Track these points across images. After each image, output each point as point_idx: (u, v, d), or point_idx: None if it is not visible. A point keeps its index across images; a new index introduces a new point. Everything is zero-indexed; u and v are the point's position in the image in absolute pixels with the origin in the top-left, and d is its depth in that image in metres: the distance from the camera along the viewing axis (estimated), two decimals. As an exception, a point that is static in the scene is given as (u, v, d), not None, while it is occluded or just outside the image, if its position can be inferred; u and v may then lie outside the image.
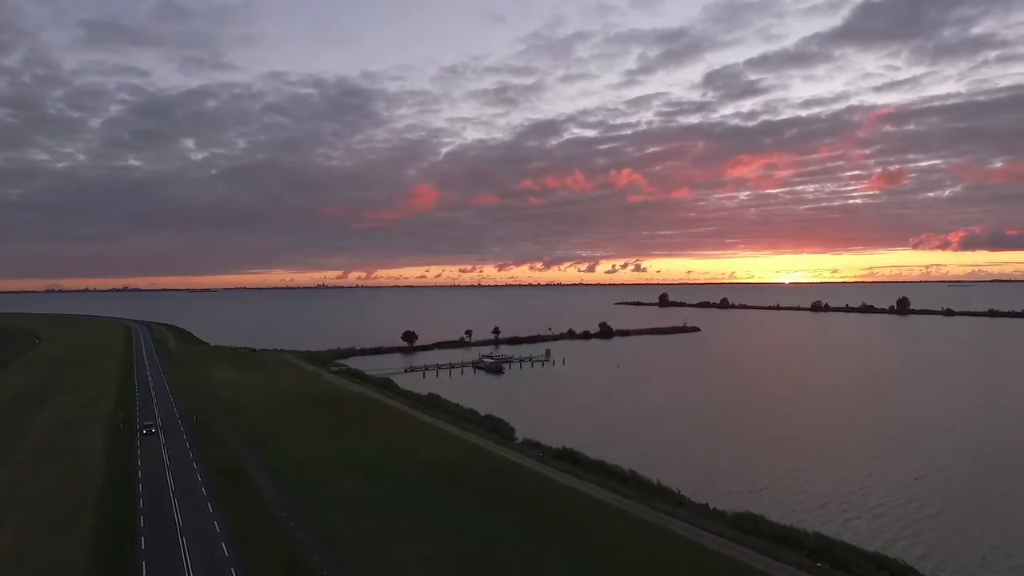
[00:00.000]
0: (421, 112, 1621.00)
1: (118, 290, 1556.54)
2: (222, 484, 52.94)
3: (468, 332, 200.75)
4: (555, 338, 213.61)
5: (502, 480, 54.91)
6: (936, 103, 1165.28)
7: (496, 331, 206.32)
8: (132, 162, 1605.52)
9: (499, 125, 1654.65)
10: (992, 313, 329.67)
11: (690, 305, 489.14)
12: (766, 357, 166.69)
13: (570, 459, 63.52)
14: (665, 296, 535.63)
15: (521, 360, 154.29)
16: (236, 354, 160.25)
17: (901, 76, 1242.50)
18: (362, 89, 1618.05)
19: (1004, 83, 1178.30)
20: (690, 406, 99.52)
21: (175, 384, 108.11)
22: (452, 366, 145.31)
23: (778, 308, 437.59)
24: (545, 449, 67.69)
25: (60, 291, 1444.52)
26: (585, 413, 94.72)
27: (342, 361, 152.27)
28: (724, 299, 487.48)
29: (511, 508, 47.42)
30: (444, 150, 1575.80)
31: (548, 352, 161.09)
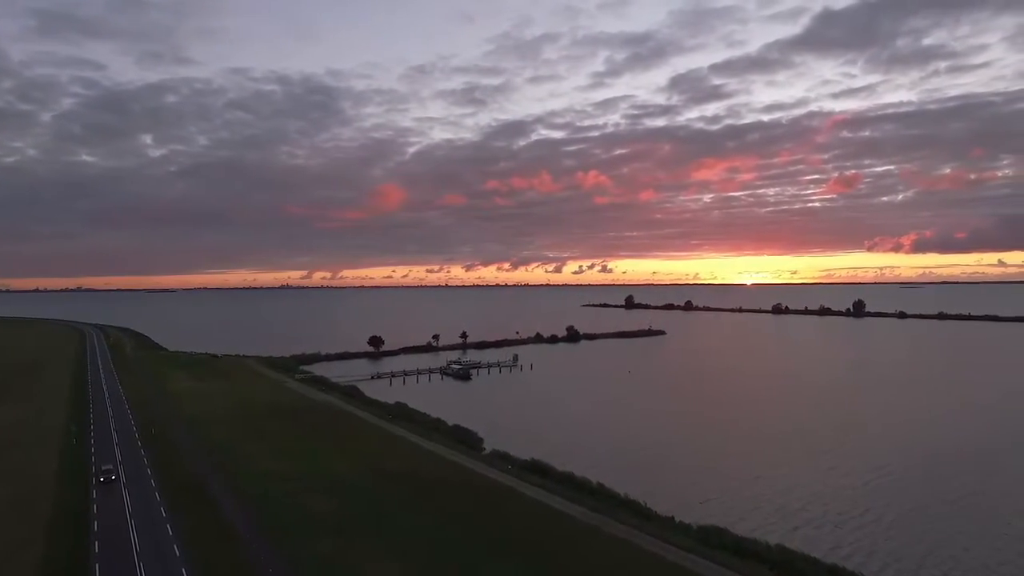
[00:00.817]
0: (388, 111, 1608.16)
1: (71, 290, 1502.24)
2: (182, 504, 51.45)
3: (435, 337, 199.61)
4: (523, 342, 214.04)
5: (472, 495, 54.68)
6: (890, 111, 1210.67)
7: (464, 336, 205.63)
8: (85, 158, 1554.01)
9: (467, 125, 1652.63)
10: (941, 316, 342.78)
11: (656, 307, 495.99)
12: (729, 362, 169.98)
13: (539, 471, 63.63)
14: (631, 298, 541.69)
15: (489, 365, 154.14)
16: (196, 361, 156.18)
17: (857, 84, 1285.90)
18: (328, 87, 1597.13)
19: (953, 92, 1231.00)
20: (655, 413, 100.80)
21: (132, 395, 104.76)
22: (419, 372, 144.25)
23: (741, 311, 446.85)
24: (514, 461, 67.67)
25: (8, 291, 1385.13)
26: (553, 421, 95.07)
27: (307, 368, 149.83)
28: (688, 301, 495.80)
29: (481, 525, 47.26)
30: (411, 150, 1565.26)
31: (516, 357, 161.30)
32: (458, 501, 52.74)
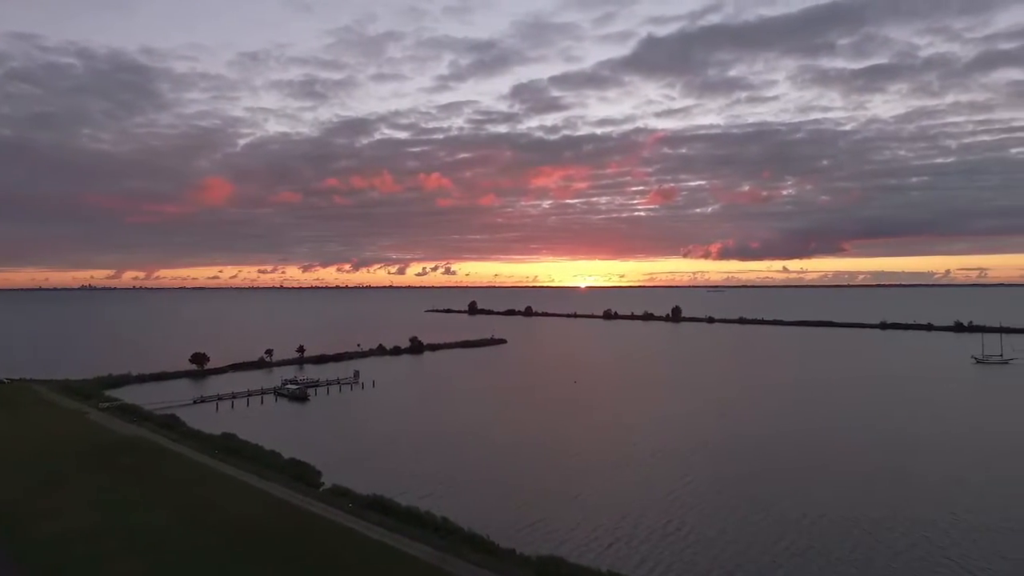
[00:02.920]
0: (216, 98, 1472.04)
1: None
2: (-54, 592, 43.07)
3: (269, 352, 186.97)
4: (364, 355, 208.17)
5: (309, 543, 52.08)
6: (702, 132, 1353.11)
7: (301, 349, 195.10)
8: None
9: (306, 120, 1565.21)
10: (742, 320, 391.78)
11: (498, 312, 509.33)
12: (566, 370, 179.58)
13: (381, 508, 62.26)
14: (474, 303, 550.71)
15: (328, 383, 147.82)
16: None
17: (676, 105, 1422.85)
18: (141, 66, 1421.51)
19: (751, 120, 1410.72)
20: (495, 431, 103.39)
21: None
22: (250, 394, 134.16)
23: (576, 316, 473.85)
24: (355, 497, 65.56)
25: None
26: (395, 447, 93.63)
27: (114, 393, 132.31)
28: (528, 307, 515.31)
29: (318, 580, 45.20)
30: (243, 141, 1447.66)
31: (357, 373, 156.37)
32: (291, 551, 49.97)
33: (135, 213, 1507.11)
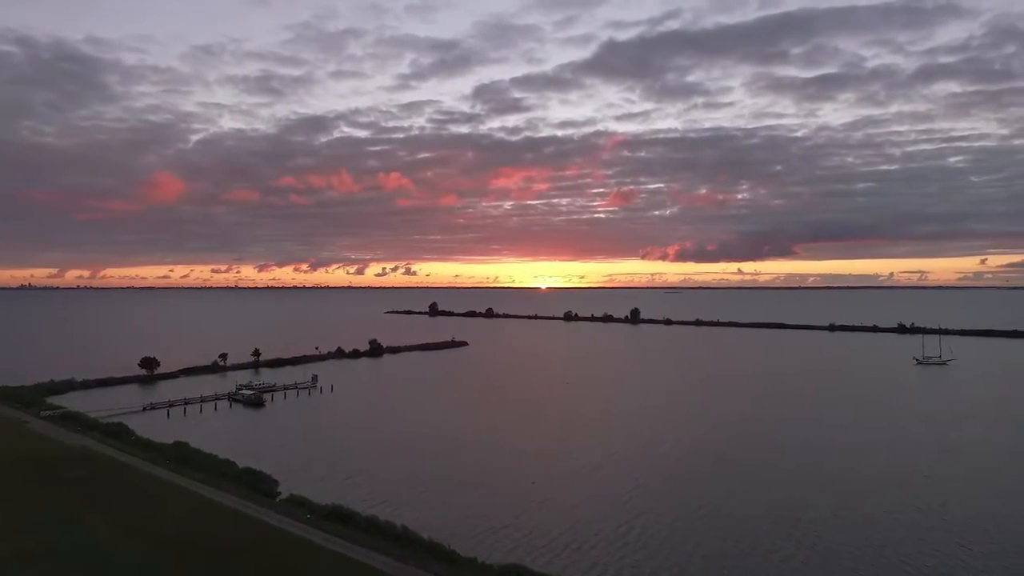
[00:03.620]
0: (167, 92, 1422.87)
1: None
2: None
3: (223, 356, 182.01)
4: (322, 358, 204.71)
5: (265, 556, 51.06)
6: (661, 135, 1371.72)
7: (256, 353, 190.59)
8: None
9: (262, 116, 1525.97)
10: (698, 323, 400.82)
11: (458, 314, 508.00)
12: (526, 374, 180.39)
13: (340, 518, 61.45)
14: (435, 305, 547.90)
15: (285, 388, 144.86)
16: None
17: (636, 109, 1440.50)
18: (88, 56, 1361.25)
19: (708, 124, 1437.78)
20: (457, 436, 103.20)
21: None
22: (204, 400, 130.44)
23: (536, 317, 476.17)
24: (313, 507, 64.52)
25: None
26: (355, 453, 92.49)
27: (55, 400, 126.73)
28: (489, 308, 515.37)
29: (276, 596, 44.40)
30: (195, 137, 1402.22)
31: (315, 378, 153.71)
32: (247, 564, 48.95)
33: (80, 210, 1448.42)
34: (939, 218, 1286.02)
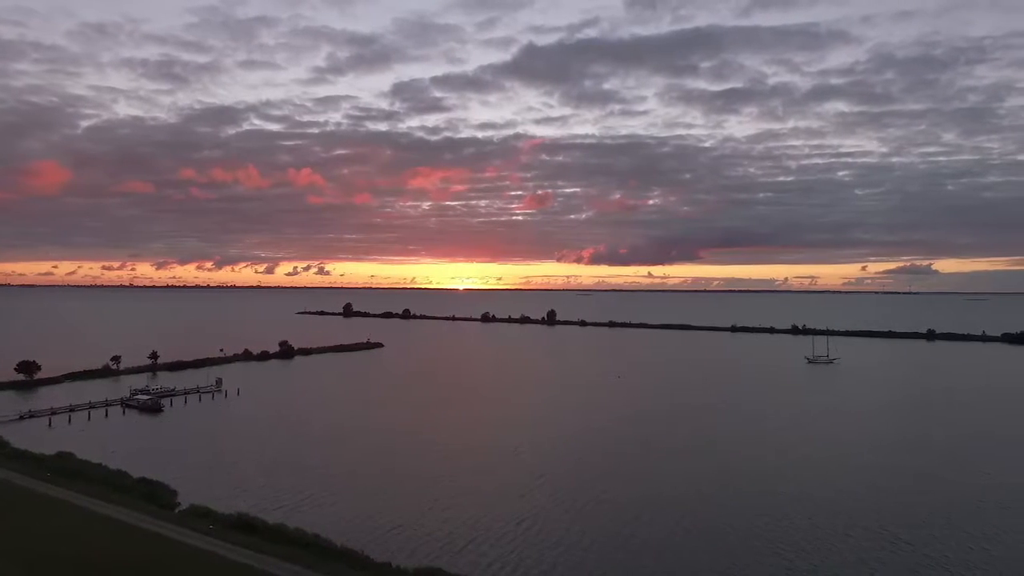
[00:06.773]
0: (52, 72, 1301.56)
1: None
2: None
3: (115, 358, 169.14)
4: (228, 360, 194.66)
5: (163, 572, 48.03)
6: (578, 140, 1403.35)
7: (154, 355, 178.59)
8: None
9: (163, 104, 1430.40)
10: (611, 324, 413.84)
11: (374, 315, 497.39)
12: (441, 375, 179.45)
13: (246, 527, 58.74)
14: (349, 306, 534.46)
15: (186, 393, 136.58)
16: None
17: (554, 113, 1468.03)
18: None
19: (623, 132, 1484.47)
20: (369, 439, 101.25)
21: None
22: (92, 406, 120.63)
23: (454, 319, 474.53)
24: (217, 517, 61.30)
25: None
26: (263, 460, 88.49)
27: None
28: (406, 309, 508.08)
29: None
30: (85, 123, 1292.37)
31: (220, 381, 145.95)
32: (146, 584, 45.90)
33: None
34: (828, 227, 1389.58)
